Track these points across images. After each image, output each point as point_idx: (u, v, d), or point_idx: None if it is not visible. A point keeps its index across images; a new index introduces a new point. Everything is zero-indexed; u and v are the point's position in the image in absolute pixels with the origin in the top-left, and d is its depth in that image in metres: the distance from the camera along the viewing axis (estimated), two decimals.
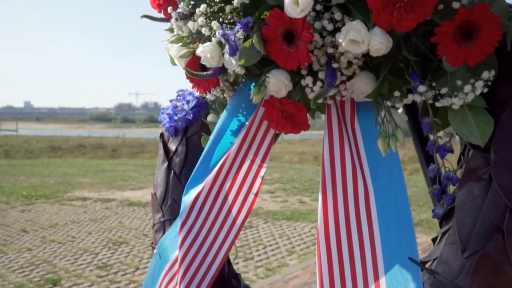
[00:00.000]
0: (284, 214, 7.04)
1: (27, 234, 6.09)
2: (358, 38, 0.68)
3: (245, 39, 0.80)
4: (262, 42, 0.77)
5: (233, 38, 0.78)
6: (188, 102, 1.12)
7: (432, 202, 0.81)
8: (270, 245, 5.59)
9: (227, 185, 1.01)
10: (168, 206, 1.12)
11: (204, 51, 0.84)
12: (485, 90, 0.71)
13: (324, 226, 0.86)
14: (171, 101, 1.18)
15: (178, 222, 1.04)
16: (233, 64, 0.82)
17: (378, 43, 0.68)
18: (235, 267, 1.02)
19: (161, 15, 0.99)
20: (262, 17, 0.83)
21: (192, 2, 0.95)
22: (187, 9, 0.92)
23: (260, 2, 0.82)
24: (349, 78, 0.82)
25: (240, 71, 0.83)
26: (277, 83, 0.80)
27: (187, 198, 1.04)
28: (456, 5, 0.68)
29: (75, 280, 4.46)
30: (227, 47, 0.80)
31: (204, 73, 0.87)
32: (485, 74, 0.71)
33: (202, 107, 1.14)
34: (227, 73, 0.88)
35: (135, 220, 6.81)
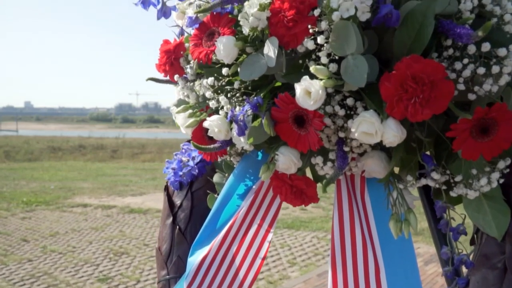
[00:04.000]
0: (285, 222, 7.02)
1: (27, 243, 6.07)
2: (371, 131, 0.66)
3: (254, 117, 0.79)
4: (271, 124, 0.75)
5: (241, 118, 0.76)
6: (193, 158, 1.11)
7: (445, 282, 0.80)
8: (271, 256, 5.58)
9: (234, 249, 1.00)
10: (173, 263, 1.10)
11: (212, 125, 0.83)
12: (501, 181, 0.69)
13: None
14: (175, 154, 1.16)
15: (183, 282, 1.03)
16: (242, 142, 0.80)
17: (392, 136, 0.66)
18: None
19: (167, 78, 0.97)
20: (272, 85, 0.81)
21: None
22: (193, 75, 0.91)
23: (269, 77, 0.81)
24: (360, 154, 0.81)
25: (249, 148, 0.81)
26: (287, 161, 0.78)
27: (193, 260, 1.03)
28: (472, 96, 0.66)
29: None
30: (235, 126, 0.78)
31: (212, 146, 0.85)
32: (501, 164, 0.69)
33: (207, 162, 1.12)
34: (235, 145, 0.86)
35: (135, 229, 6.79)
